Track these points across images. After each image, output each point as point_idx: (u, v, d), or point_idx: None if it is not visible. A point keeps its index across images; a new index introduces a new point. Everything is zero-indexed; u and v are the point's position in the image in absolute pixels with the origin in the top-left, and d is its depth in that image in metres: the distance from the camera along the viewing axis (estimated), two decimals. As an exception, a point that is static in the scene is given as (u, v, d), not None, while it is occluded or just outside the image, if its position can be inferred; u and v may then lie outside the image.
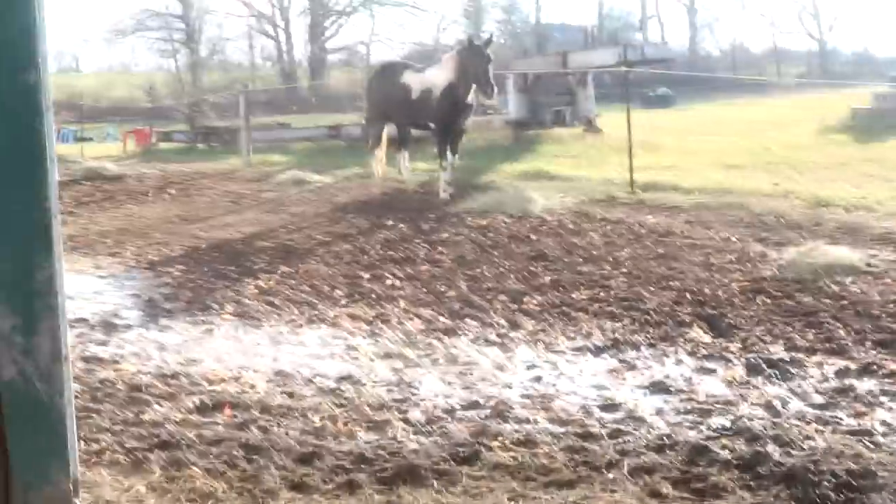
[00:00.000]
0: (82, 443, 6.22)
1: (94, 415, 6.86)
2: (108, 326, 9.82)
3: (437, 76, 17.28)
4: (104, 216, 19.02)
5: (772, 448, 5.68)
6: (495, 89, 17.03)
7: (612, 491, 5.28)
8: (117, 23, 73.17)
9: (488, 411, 6.76)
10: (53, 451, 4.41)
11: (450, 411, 6.82)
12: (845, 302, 8.99)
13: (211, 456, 5.95)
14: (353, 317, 9.73)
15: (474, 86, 16.76)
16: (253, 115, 34.53)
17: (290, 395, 7.27)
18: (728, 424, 6.25)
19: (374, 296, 10.55)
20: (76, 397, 7.22)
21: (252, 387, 7.52)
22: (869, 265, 10.24)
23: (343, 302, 10.39)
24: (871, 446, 5.71)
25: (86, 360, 8.50)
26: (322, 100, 54.00)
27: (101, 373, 8.01)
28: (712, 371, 7.49)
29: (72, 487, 4.45)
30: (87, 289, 11.86)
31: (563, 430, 6.30)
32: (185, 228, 16.37)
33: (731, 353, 7.87)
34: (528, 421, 6.51)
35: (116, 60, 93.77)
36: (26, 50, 4.19)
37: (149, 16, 72.12)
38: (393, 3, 71.48)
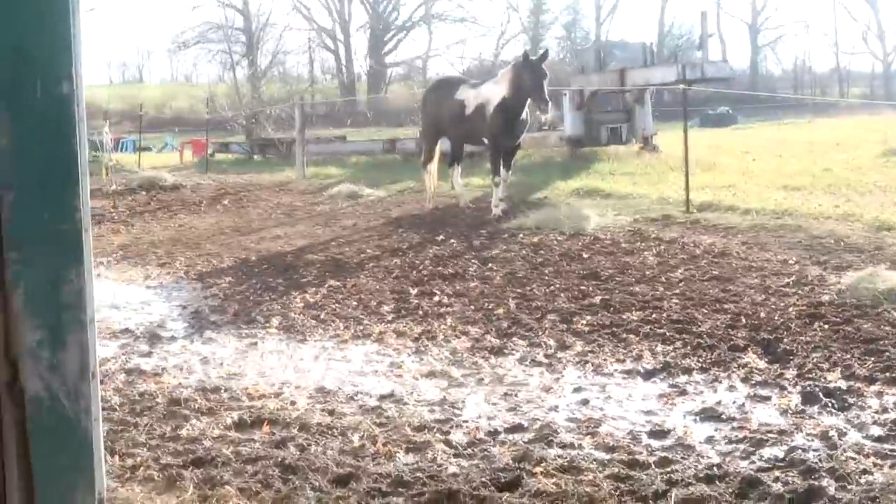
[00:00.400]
0: (117, 458, 6.14)
1: (131, 428, 6.79)
2: (153, 338, 9.78)
3: (492, 91, 17.11)
4: (158, 226, 19.12)
5: (827, 482, 5.44)
6: (549, 104, 16.82)
7: (658, 523, 5.08)
8: (180, 35, 73.98)
9: (532, 435, 6.57)
10: (78, 469, 4.29)
11: (493, 434, 6.64)
12: (906, 329, 8.70)
13: (246, 475, 5.83)
14: (398, 333, 9.60)
15: (529, 101, 16.59)
16: (310, 128, 34.68)
17: (331, 412, 7.14)
18: (782, 455, 6.02)
19: (421, 312, 10.41)
20: (115, 410, 7.18)
21: (293, 403, 7.41)
22: (932, 291, 9.92)
23: (390, 318, 10.26)
24: (932, 483, 5.46)
25: (128, 371, 8.45)
26: (380, 114, 54.20)
27: (142, 385, 7.95)
28: (766, 399, 7.24)
29: (97, 506, 4.33)
30: (134, 299, 11.86)
31: (608, 456, 6.10)
32: (236, 240, 16.36)
33: (787, 380, 7.61)
34: (572, 446, 6.31)
35: (179, 72, 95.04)
36: (61, 62, 4.09)
37: (210, 28, 72.90)
38: (453, 18, 71.54)
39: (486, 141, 17.64)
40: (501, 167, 17.00)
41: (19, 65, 4.01)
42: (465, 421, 6.93)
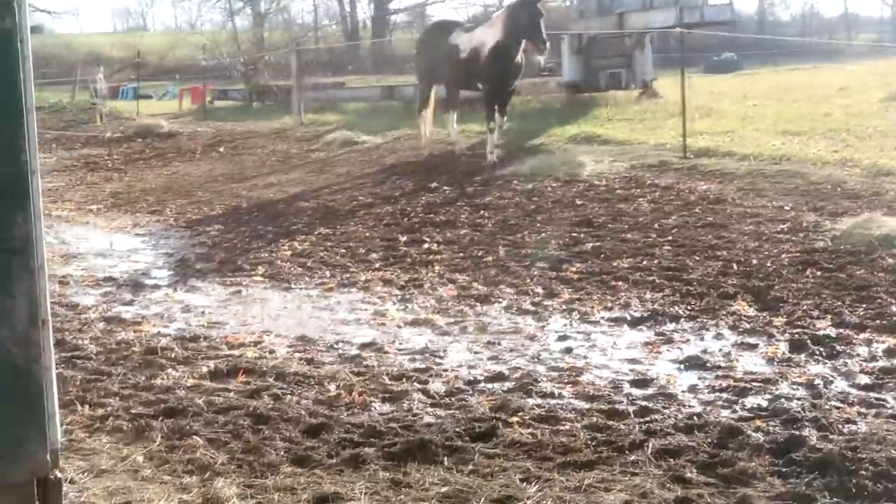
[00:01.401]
0: (87, 407, 6.04)
1: (105, 378, 6.68)
2: (137, 286, 9.68)
3: (486, 35, 16.80)
4: (151, 173, 19.00)
5: (809, 432, 5.32)
6: (548, 45, 16.53)
7: (633, 474, 4.96)
8: (183, -20, 73.19)
9: (512, 384, 6.46)
10: (30, 419, 4.18)
11: (472, 383, 6.54)
12: (900, 276, 8.55)
13: (216, 425, 5.73)
14: (385, 281, 9.48)
15: (524, 45, 16.29)
16: (311, 75, 34.34)
17: (309, 361, 7.03)
18: (765, 405, 5.90)
19: (409, 260, 10.28)
20: (91, 359, 7.07)
21: (271, 352, 7.31)
22: (928, 237, 9.75)
23: (377, 265, 10.13)
24: (918, 433, 5.33)
25: (107, 320, 8.36)
26: (383, 60, 53.68)
27: (121, 334, 7.85)
28: (753, 347, 7.12)
29: (50, 459, 4.22)
30: (121, 247, 11.76)
31: (588, 406, 5.99)
32: (228, 187, 16.23)
33: (775, 327, 7.49)
34: (552, 395, 6.20)
35: (183, 20, 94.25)
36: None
37: (214, -27, 72.08)
38: (456, -37, 70.77)
39: (480, 86, 17.38)
40: (496, 113, 16.74)
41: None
42: (446, 370, 6.83)
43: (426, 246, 10.88)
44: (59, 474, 4.15)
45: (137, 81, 41.67)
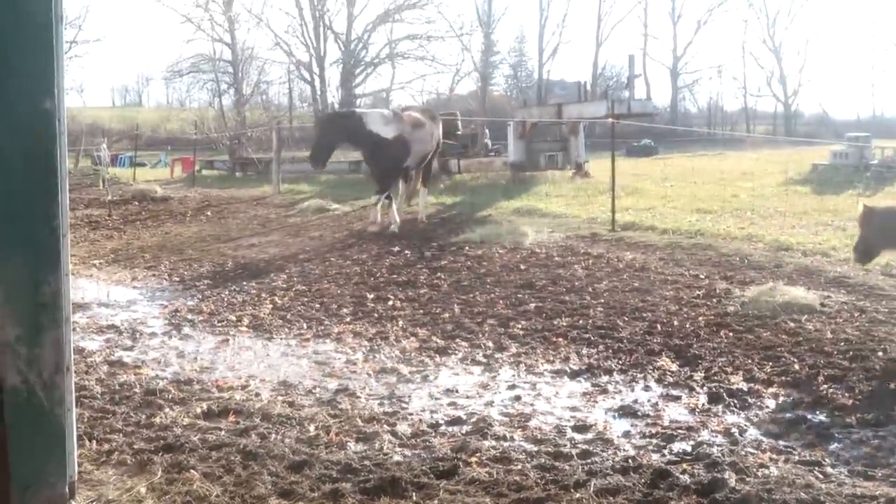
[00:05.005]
0: (94, 443, 5.93)
1: (109, 416, 6.58)
2: (136, 333, 9.55)
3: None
4: (147, 233, 18.81)
5: (728, 475, 5.34)
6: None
7: (578, 510, 4.94)
8: (174, 64, 73.10)
9: (470, 427, 6.44)
10: (51, 456, 4.11)
11: (435, 426, 6.50)
12: (801, 338, 8.62)
13: (211, 460, 5.64)
14: (355, 333, 9.43)
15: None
16: (287, 150, 34.33)
17: (291, 404, 6.96)
18: (689, 450, 5.92)
19: (376, 315, 10.23)
20: (96, 399, 6.96)
21: (257, 395, 7.23)
22: (823, 305, 9.87)
23: (348, 319, 10.07)
24: (821, 476, 5.37)
25: (111, 364, 8.23)
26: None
27: (123, 377, 7.73)
28: (677, 398, 7.14)
29: (68, 490, 4.15)
30: (122, 298, 11.60)
31: (536, 448, 5.97)
32: (215, 247, 16.11)
33: (695, 381, 7.52)
34: (505, 438, 6.18)
35: (174, 97, 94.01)
36: (45, 80, 3.92)
37: (202, 60, 72.13)
38: (414, 57, 71.32)
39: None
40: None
41: (4, 79, 3.84)
42: (411, 413, 6.79)
43: (390, 303, 10.85)
44: (74, 504, 4.08)
45: (135, 151, 41.46)
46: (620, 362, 8.15)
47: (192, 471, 5.41)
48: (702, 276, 11.71)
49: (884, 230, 8.81)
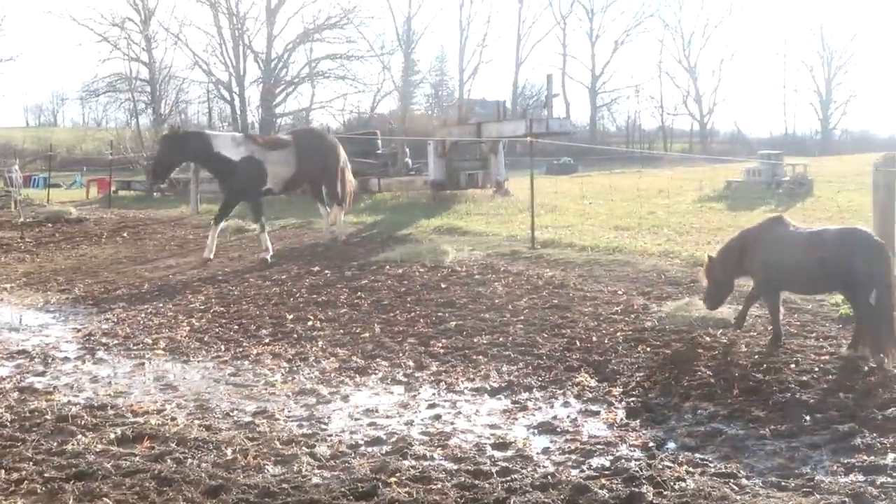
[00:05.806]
0: (2, 472, 5.77)
1: (19, 444, 6.41)
2: (48, 358, 9.33)
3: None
4: (60, 255, 18.42)
5: (646, 489, 5.38)
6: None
7: (498, 528, 4.94)
8: (90, 84, 72.00)
9: (390, 447, 6.40)
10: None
11: (354, 447, 6.45)
12: (716, 352, 8.77)
13: (124, 487, 5.53)
14: (274, 354, 9.34)
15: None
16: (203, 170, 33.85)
17: (208, 428, 6.85)
18: (608, 465, 5.95)
19: (295, 335, 10.15)
20: (6, 427, 6.76)
21: (173, 419, 7.10)
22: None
23: (267, 340, 9.97)
24: (736, 488, 5.44)
25: (21, 390, 8.04)
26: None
27: (34, 403, 7.55)
28: (596, 413, 7.20)
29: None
30: (34, 322, 11.34)
31: (456, 467, 5.96)
32: (132, 269, 15.84)
33: (614, 396, 7.59)
34: (425, 457, 6.16)
35: (90, 117, 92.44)
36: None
37: (119, 79, 71.19)
38: (335, 76, 71.21)
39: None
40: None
41: None
42: (330, 435, 6.74)
43: (310, 323, 10.76)
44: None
45: (49, 171, 40.59)
46: (540, 379, 8.18)
47: (104, 499, 5.30)
48: (620, 293, 11.83)
49: (724, 263, 9.57)
